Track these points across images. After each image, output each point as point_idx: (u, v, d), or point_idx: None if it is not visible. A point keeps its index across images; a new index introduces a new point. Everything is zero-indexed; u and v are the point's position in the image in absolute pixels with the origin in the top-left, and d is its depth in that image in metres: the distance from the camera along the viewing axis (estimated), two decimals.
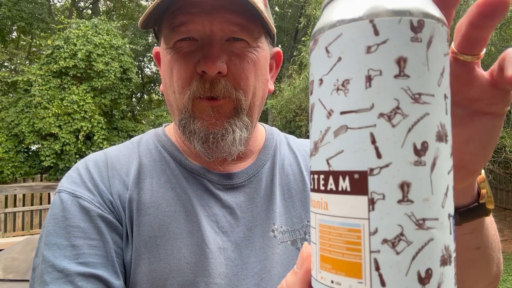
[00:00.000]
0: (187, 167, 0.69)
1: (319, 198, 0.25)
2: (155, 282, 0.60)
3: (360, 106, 0.23)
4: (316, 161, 0.26)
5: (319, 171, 0.25)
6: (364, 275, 0.22)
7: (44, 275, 0.57)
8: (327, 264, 0.24)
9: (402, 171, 0.22)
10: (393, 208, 0.22)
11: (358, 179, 0.23)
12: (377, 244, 0.22)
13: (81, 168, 0.66)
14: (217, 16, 0.60)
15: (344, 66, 0.24)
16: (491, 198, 0.43)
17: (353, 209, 0.23)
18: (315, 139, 0.26)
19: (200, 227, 0.63)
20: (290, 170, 0.75)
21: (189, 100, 0.62)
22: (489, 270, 0.51)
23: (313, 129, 0.26)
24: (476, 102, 0.34)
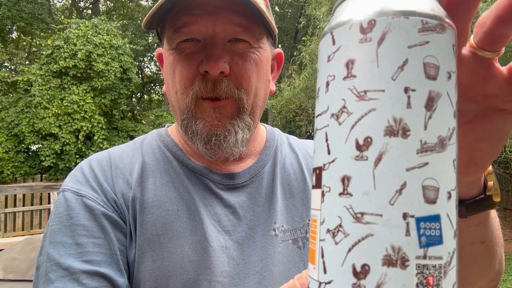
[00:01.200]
0: (190, 167, 0.69)
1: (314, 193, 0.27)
2: (158, 280, 0.61)
3: (322, 109, 0.26)
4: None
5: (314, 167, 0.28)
6: (316, 261, 0.25)
7: (49, 273, 0.57)
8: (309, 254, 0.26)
9: (344, 166, 0.23)
10: (335, 200, 0.24)
11: (318, 174, 0.26)
12: (323, 233, 0.24)
13: (85, 167, 0.67)
14: (220, 17, 0.60)
15: (318, 76, 0.27)
16: (498, 191, 0.43)
17: (315, 201, 0.26)
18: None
19: (203, 226, 0.64)
20: (291, 170, 0.76)
21: (191, 100, 0.63)
22: (492, 266, 0.52)
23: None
24: (491, 99, 0.34)
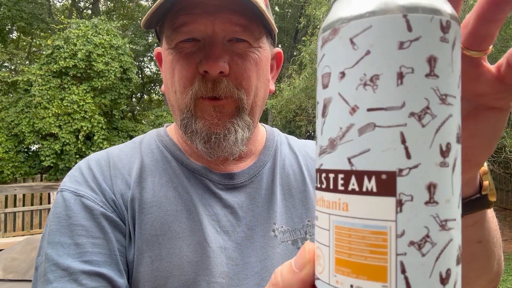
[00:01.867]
0: (189, 166, 0.69)
1: (336, 198, 0.24)
2: (156, 281, 0.60)
3: (391, 103, 0.22)
4: (333, 159, 0.24)
5: (336, 169, 0.24)
6: (389, 278, 0.22)
7: (48, 273, 0.57)
8: (345, 268, 0.23)
9: (430, 172, 0.22)
10: (420, 210, 0.22)
11: (386, 180, 0.22)
12: (403, 247, 0.22)
13: (84, 167, 0.66)
14: (219, 16, 0.60)
15: (373, 61, 0.23)
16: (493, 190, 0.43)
17: (379, 211, 0.22)
18: (332, 135, 0.24)
19: (202, 226, 0.64)
20: (291, 170, 0.75)
21: (191, 100, 0.62)
22: (490, 266, 0.52)
23: (329, 125, 0.25)
24: (482, 97, 0.34)
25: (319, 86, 0.26)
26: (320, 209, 0.25)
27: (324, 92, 0.25)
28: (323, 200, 0.25)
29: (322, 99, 0.25)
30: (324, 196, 0.25)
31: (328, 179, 0.24)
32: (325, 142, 0.25)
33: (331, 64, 0.25)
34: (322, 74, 0.25)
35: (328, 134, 0.25)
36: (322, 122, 0.25)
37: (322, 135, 0.25)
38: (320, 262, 0.25)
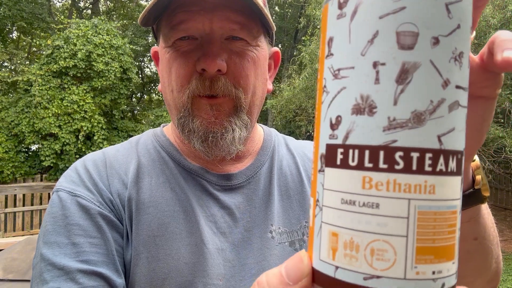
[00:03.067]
0: (186, 167, 0.68)
1: (422, 180, 0.21)
2: (153, 282, 0.60)
3: (466, 84, 0.23)
4: (418, 135, 0.21)
5: (424, 148, 0.21)
6: (455, 254, 0.22)
7: (44, 273, 0.56)
8: (428, 255, 0.21)
9: None
10: None
11: (460, 160, 0.23)
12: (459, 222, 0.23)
13: (80, 167, 0.65)
14: (217, 14, 0.60)
15: (461, 37, 0.22)
16: (486, 185, 0.43)
17: (456, 190, 0.22)
18: (418, 108, 0.21)
19: (199, 228, 0.63)
20: (288, 171, 0.75)
21: (188, 98, 0.62)
22: (488, 265, 0.51)
23: (414, 95, 0.21)
24: None
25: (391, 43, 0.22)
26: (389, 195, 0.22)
27: (406, 54, 0.22)
28: (396, 184, 0.21)
29: (400, 61, 0.22)
30: (398, 178, 0.21)
31: (410, 159, 0.21)
32: (405, 115, 0.21)
33: (419, 24, 0.21)
34: (402, 31, 0.22)
35: (412, 106, 0.21)
36: (399, 90, 0.22)
37: (397, 105, 0.21)
38: (384, 257, 0.22)
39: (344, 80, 0.23)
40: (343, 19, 0.23)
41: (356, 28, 0.22)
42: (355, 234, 0.22)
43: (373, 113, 0.22)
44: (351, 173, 0.22)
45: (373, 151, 0.22)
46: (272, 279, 0.25)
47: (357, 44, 0.22)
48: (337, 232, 0.23)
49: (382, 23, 0.22)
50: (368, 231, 0.22)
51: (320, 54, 0.26)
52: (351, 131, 0.22)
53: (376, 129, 0.22)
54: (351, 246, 0.22)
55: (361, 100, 0.22)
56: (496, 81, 0.35)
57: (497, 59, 0.30)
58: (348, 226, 0.22)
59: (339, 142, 0.23)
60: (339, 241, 0.23)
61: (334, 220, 0.23)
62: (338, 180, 0.23)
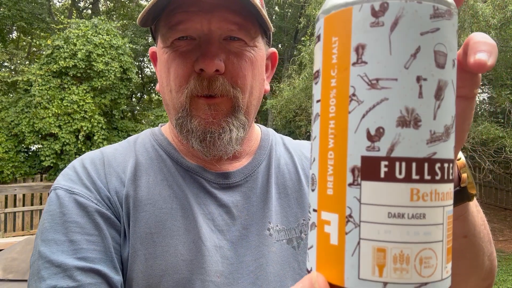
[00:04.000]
0: (184, 165, 0.69)
1: (448, 188, 0.23)
2: (150, 279, 0.60)
3: None
4: (446, 148, 0.23)
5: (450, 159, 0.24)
6: None
7: (41, 271, 0.56)
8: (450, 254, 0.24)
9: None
10: None
11: None
12: None
13: (78, 165, 0.66)
14: (216, 15, 0.60)
15: None
16: (472, 183, 0.45)
17: None
18: (447, 123, 0.23)
19: (197, 225, 0.64)
20: (286, 170, 0.75)
21: (186, 98, 0.62)
22: (480, 262, 0.52)
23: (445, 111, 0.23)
24: None
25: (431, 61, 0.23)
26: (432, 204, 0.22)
27: (441, 72, 0.23)
28: (436, 193, 0.23)
29: (437, 79, 0.23)
30: (438, 188, 0.23)
31: (443, 170, 0.23)
32: (441, 129, 0.23)
33: (448, 46, 0.24)
34: (437, 50, 0.23)
35: (444, 121, 0.23)
36: (436, 105, 0.23)
37: (436, 120, 0.23)
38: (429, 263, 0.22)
39: (385, 91, 0.23)
40: (381, 28, 0.23)
41: (398, 40, 0.23)
42: (405, 247, 0.22)
43: (418, 126, 0.22)
44: (399, 186, 0.22)
45: (419, 163, 0.22)
46: None
47: (400, 56, 0.23)
48: (385, 248, 0.22)
49: (423, 39, 0.23)
50: (417, 241, 0.22)
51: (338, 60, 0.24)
52: (397, 143, 0.22)
53: (421, 142, 0.22)
54: (401, 259, 0.22)
55: (407, 112, 0.22)
56: (473, 81, 0.36)
57: (470, 60, 0.31)
58: (398, 240, 0.22)
59: (383, 155, 0.23)
60: (388, 256, 0.22)
61: (380, 236, 0.23)
62: (383, 194, 0.23)
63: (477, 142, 6.71)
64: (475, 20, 6.29)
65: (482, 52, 0.30)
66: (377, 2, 0.23)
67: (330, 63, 0.25)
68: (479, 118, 7.42)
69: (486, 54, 0.30)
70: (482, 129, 6.45)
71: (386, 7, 0.23)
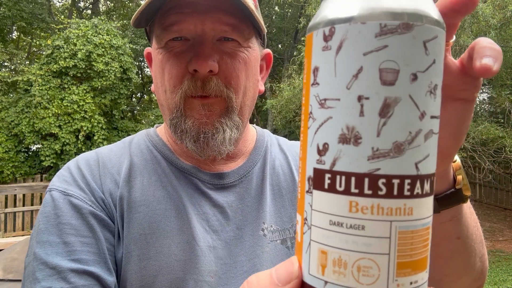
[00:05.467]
0: (178, 166, 0.69)
1: (401, 204, 0.24)
2: (144, 279, 0.60)
3: (438, 113, 0.25)
4: (397, 164, 0.23)
5: (403, 175, 0.24)
6: (427, 264, 0.25)
7: (36, 272, 0.57)
8: (407, 269, 0.24)
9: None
10: None
11: (432, 181, 0.25)
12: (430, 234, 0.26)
13: (73, 167, 0.66)
14: (209, 16, 0.61)
15: (437, 71, 0.24)
16: (467, 185, 0.45)
17: (429, 209, 0.25)
18: (398, 139, 0.23)
19: (191, 225, 0.64)
20: (281, 171, 0.76)
21: (180, 99, 0.63)
22: (472, 263, 0.52)
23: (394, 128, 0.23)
24: (447, 89, 0.36)
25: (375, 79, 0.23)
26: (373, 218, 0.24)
27: (388, 90, 0.23)
28: (379, 208, 0.24)
29: (383, 96, 0.23)
30: (381, 203, 0.24)
31: (391, 185, 0.23)
32: (387, 146, 0.23)
33: (400, 61, 0.23)
34: (384, 68, 0.23)
35: (393, 137, 0.23)
36: (381, 123, 0.24)
37: (380, 137, 0.23)
38: (369, 273, 0.24)
39: (330, 110, 0.25)
40: (329, 52, 0.25)
41: (341, 62, 0.24)
42: (343, 253, 0.24)
43: (358, 143, 0.24)
44: (339, 198, 0.24)
45: (358, 178, 0.24)
46: (263, 280, 0.26)
47: (343, 78, 0.24)
48: (326, 251, 0.25)
49: (366, 59, 0.23)
50: (355, 250, 0.24)
51: (305, 79, 0.27)
52: (338, 159, 0.24)
53: (361, 158, 0.24)
54: (339, 264, 0.24)
55: (347, 130, 0.24)
56: (474, 84, 0.36)
57: (476, 65, 0.31)
58: (337, 246, 0.24)
59: (327, 168, 0.25)
60: (328, 259, 0.24)
61: (323, 240, 0.25)
62: (326, 203, 0.25)
63: (477, 142, 6.72)
64: (475, 20, 6.29)
65: (488, 57, 0.31)
66: (327, 28, 0.25)
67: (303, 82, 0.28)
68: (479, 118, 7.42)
69: (492, 60, 0.31)
70: (482, 129, 6.46)
71: (333, 31, 0.24)
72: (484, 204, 9.11)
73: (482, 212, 8.44)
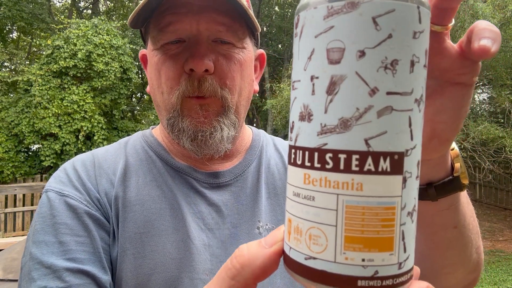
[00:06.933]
0: (173, 166, 0.70)
1: (349, 179, 0.24)
2: (139, 278, 0.61)
3: (405, 89, 0.24)
4: (344, 139, 0.24)
5: (350, 150, 0.24)
6: (395, 246, 0.25)
7: (32, 272, 0.57)
8: (357, 244, 0.24)
9: (419, 152, 0.26)
10: (414, 184, 0.26)
11: (397, 160, 0.24)
12: (404, 217, 0.25)
13: (69, 168, 0.67)
14: (203, 16, 0.62)
15: (394, 45, 0.24)
16: (465, 173, 0.45)
17: (391, 188, 0.24)
18: (345, 115, 0.24)
19: (185, 224, 0.65)
20: (276, 169, 0.77)
21: (178, 99, 0.63)
22: (468, 254, 0.52)
23: (341, 104, 0.24)
24: (446, 73, 0.36)
25: (322, 59, 0.25)
26: (321, 190, 0.25)
27: (333, 68, 0.24)
28: (326, 181, 0.25)
29: (329, 75, 0.24)
30: (328, 176, 0.25)
31: (337, 160, 0.24)
32: (333, 121, 0.24)
33: (346, 40, 0.24)
34: (330, 48, 0.24)
35: (339, 114, 0.24)
36: (328, 100, 0.25)
37: (327, 113, 0.25)
38: (318, 242, 0.25)
39: (295, 92, 0.27)
40: (296, 39, 0.27)
41: (302, 46, 0.26)
42: (299, 222, 0.26)
43: (311, 120, 0.25)
44: (297, 170, 0.27)
45: (310, 152, 0.25)
46: (252, 245, 0.29)
47: (302, 61, 0.26)
48: (291, 219, 0.27)
49: (317, 41, 0.25)
50: (307, 219, 0.26)
51: None
52: (298, 135, 0.27)
53: (312, 133, 0.25)
54: (297, 231, 0.26)
55: (304, 108, 0.26)
56: (473, 68, 0.36)
57: (474, 46, 0.31)
58: (296, 214, 0.27)
59: (292, 144, 0.27)
60: (292, 226, 0.27)
61: (289, 209, 0.28)
62: (291, 176, 0.27)
63: (477, 142, 6.72)
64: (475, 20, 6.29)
65: (487, 38, 0.31)
66: (296, 17, 0.27)
67: None
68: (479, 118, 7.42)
69: (490, 41, 0.31)
70: (482, 129, 6.46)
71: (298, 19, 0.27)
72: (484, 204, 9.11)
73: (482, 212, 8.44)
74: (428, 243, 0.50)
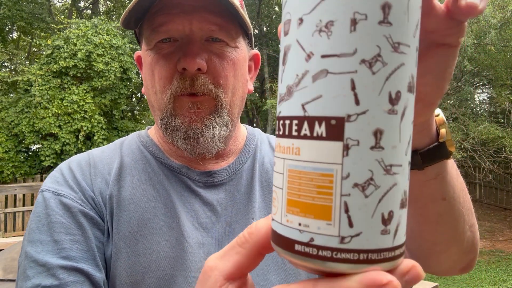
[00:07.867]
0: (168, 165, 0.70)
1: (290, 143, 0.25)
2: (133, 276, 0.61)
3: (343, 50, 0.23)
4: (288, 106, 0.25)
5: (291, 116, 0.25)
6: (333, 217, 0.23)
7: (27, 270, 0.58)
8: (295, 207, 0.24)
9: (377, 119, 0.23)
10: (366, 154, 0.23)
11: (335, 125, 0.23)
12: (348, 188, 0.23)
13: (64, 168, 0.68)
14: (196, 16, 0.62)
15: (329, 6, 0.23)
16: (451, 140, 0.44)
17: (327, 155, 0.23)
18: (289, 83, 0.25)
19: (180, 223, 0.65)
20: (270, 167, 0.77)
21: (170, 98, 0.64)
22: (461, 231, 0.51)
23: (287, 73, 0.25)
24: (432, 34, 0.36)
25: (282, 34, 0.27)
26: (277, 155, 0.27)
27: (285, 40, 0.26)
28: (279, 146, 0.26)
29: (283, 46, 0.26)
30: (280, 142, 0.26)
31: (285, 126, 0.25)
32: (284, 90, 0.26)
33: (291, 11, 0.25)
34: (284, 22, 0.26)
35: (286, 82, 0.25)
36: (282, 70, 0.26)
37: (282, 83, 0.26)
38: (275, 204, 0.27)
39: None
40: None
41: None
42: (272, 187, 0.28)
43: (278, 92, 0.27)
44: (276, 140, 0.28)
45: (277, 121, 0.27)
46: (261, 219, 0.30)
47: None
48: None
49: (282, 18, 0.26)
50: (274, 184, 0.27)
51: None
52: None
53: (278, 103, 0.27)
54: None
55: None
56: (459, 29, 0.36)
57: (462, 4, 0.31)
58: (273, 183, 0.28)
59: None
60: None
61: None
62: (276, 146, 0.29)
63: (477, 142, 6.72)
64: (475, 20, 6.29)
65: None
66: None
67: None
68: (479, 118, 7.43)
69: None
70: (482, 129, 6.46)
71: None
72: (484, 204, 9.11)
73: (482, 212, 8.44)
74: (418, 218, 0.49)
